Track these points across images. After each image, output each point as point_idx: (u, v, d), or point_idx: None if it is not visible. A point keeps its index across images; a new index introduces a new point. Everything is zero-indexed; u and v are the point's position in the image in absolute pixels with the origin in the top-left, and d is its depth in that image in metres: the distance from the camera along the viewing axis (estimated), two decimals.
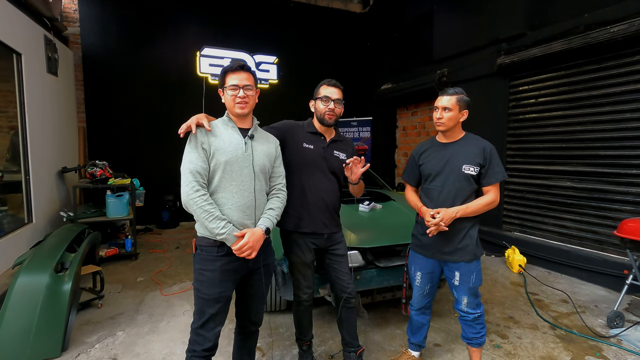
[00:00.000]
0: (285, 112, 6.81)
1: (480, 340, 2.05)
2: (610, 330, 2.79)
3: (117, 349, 2.49)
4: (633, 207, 3.48)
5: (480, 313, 2.03)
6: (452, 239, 1.97)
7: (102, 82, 5.80)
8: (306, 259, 2.05)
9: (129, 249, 4.34)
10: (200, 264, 1.63)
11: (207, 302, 1.61)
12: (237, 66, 1.66)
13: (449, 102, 1.94)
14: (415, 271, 2.14)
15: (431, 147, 2.11)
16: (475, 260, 1.99)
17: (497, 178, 1.95)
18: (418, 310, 2.20)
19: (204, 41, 6.27)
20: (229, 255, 1.61)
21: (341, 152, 2.12)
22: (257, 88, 1.74)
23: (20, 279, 2.37)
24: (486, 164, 1.94)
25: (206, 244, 1.61)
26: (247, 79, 1.66)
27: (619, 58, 3.54)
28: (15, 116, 3.73)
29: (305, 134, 2.08)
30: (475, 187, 1.98)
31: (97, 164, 4.41)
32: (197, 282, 1.64)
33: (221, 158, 1.60)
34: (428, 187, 2.06)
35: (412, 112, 6.77)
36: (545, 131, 4.25)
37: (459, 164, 1.96)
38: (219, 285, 1.61)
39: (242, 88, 1.64)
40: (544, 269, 4.18)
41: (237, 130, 1.70)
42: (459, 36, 5.33)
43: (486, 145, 1.98)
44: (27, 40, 3.86)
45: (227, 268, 1.62)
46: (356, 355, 2.17)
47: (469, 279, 1.98)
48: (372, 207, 3.23)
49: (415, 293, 2.19)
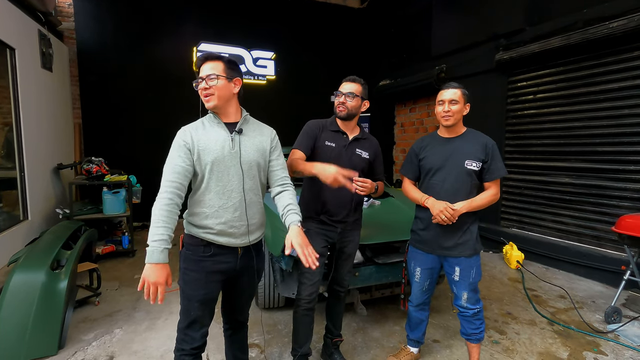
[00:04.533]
0: (282, 108, 6.85)
1: (479, 336, 2.06)
2: (608, 325, 2.80)
3: (114, 346, 2.47)
4: (631, 203, 3.49)
5: (479, 309, 2.03)
6: (453, 234, 1.97)
7: (97, 78, 5.74)
8: (316, 249, 2.01)
9: (126, 246, 4.32)
10: (185, 263, 1.56)
11: (191, 302, 1.55)
12: (202, 57, 1.55)
13: (455, 94, 1.93)
14: (415, 267, 2.14)
15: (432, 141, 2.09)
16: (475, 255, 2.00)
17: (500, 174, 1.96)
18: (417, 306, 2.21)
19: (200, 36, 6.22)
20: (215, 256, 1.55)
21: (364, 151, 2.11)
22: (234, 77, 1.56)
23: (16, 276, 2.35)
24: (488, 160, 1.95)
25: (192, 243, 1.55)
26: (213, 68, 1.51)
27: (618, 54, 3.53)
28: (10, 112, 3.68)
29: (327, 132, 2.08)
30: (476, 182, 1.99)
31: (93, 160, 4.36)
32: (182, 282, 1.57)
33: (207, 158, 1.50)
34: (429, 182, 2.05)
35: (410, 109, 6.75)
36: (544, 127, 4.25)
37: (462, 159, 1.95)
38: (204, 286, 1.54)
39: (205, 79, 1.50)
40: (541, 265, 4.19)
41: (222, 126, 1.57)
42: (457, 32, 5.30)
43: (488, 141, 1.98)
44: (20, 35, 3.80)
45: (213, 269, 1.55)
46: (332, 342, 2.25)
47: (469, 274, 1.98)
48: (371, 204, 3.22)
49: (414, 289, 2.19)
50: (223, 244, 1.55)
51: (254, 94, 6.60)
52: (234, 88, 1.58)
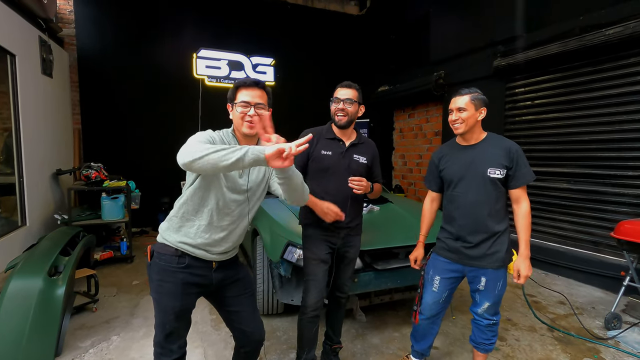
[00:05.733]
0: (282, 114, 6.82)
1: (489, 347, 2.01)
2: (608, 332, 2.79)
3: (111, 353, 2.46)
4: (629, 209, 3.50)
5: (495, 321, 1.96)
6: (483, 244, 1.89)
7: (97, 84, 5.76)
8: (320, 255, 2.02)
9: (125, 252, 4.30)
10: (159, 275, 1.50)
11: (167, 315, 1.49)
12: (252, 82, 1.50)
13: (463, 102, 1.86)
14: (434, 275, 2.02)
15: (451, 150, 2.00)
16: (503, 267, 1.90)
17: (526, 180, 1.84)
18: (428, 318, 2.06)
19: (200, 43, 6.26)
20: (190, 267, 1.49)
21: (361, 156, 2.09)
22: (270, 107, 1.54)
23: (13, 282, 2.33)
24: (513, 166, 1.83)
25: (166, 252, 1.49)
26: (260, 96, 1.48)
27: (615, 60, 3.56)
28: (9, 118, 3.68)
29: (323, 140, 2.07)
30: (502, 190, 1.88)
31: (92, 166, 4.37)
32: (156, 294, 1.50)
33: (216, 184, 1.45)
34: (452, 194, 1.97)
35: (409, 114, 6.78)
36: (542, 133, 4.27)
37: (484, 168, 1.85)
38: (180, 298, 1.49)
39: (254, 106, 1.46)
40: (541, 270, 4.19)
41: None
42: (455, 38, 5.35)
43: (511, 145, 1.86)
44: (21, 41, 3.83)
45: (189, 281, 1.50)
46: (331, 348, 2.24)
47: (495, 286, 1.89)
48: (370, 210, 3.22)
49: (428, 299, 2.04)
50: (198, 257, 1.51)
51: None
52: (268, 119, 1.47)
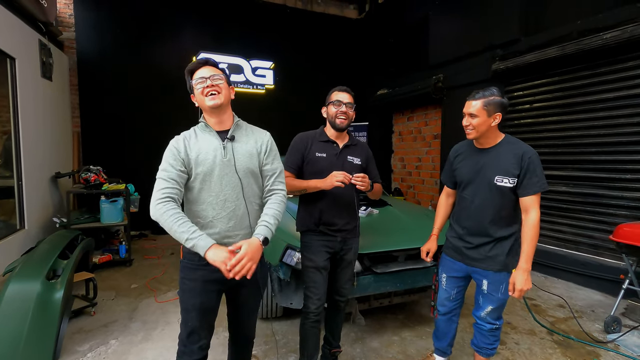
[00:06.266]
0: (281, 117, 6.86)
1: (490, 352, 2.02)
2: (608, 335, 2.79)
3: (109, 357, 2.44)
4: (628, 212, 3.50)
5: (498, 326, 1.97)
6: (483, 246, 1.90)
7: (97, 87, 5.77)
8: (318, 262, 2.02)
9: (123, 255, 4.29)
10: (183, 272, 1.56)
11: (189, 312, 1.54)
12: (201, 62, 1.55)
13: (475, 108, 1.80)
14: (442, 272, 2.12)
15: (467, 150, 1.99)
16: (504, 271, 1.87)
17: (535, 189, 1.75)
18: (444, 315, 2.15)
19: (200, 46, 6.27)
20: (210, 264, 1.43)
21: (355, 157, 2.11)
22: (230, 84, 1.60)
23: (11, 286, 2.32)
24: (522, 173, 1.75)
25: (189, 251, 1.49)
26: (213, 71, 1.53)
27: (613, 64, 3.57)
28: (9, 121, 3.68)
29: (317, 143, 2.08)
30: (512, 198, 1.81)
31: (91, 169, 4.36)
32: (180, 291, 1.57)
33: (199, 169, 1.49)
34: (460, 195, 2.00)
35: (408, 117, 6.80)
36: (540, 136, 4.28)
37: (492, 176, 1.81)
38: (200, 295, 1.53)
39: (209, 78, 1.50)
40: (540, 273, 4.18)
41: (214, 134, 1.55)
42: (454, 42, 5.37)
43: (526, 151, 1.77)
44: (21, 44, 3.83)
45: (210, 278, 1.52)
46: (330, 352, 2.24)
47: (498, 289, 1.89)
48: (369, 213, 3.22)
49: (440, 295, 2.15)
50: None
51: (253, 103, 6.64)
52: (231, 94, 1.60)
